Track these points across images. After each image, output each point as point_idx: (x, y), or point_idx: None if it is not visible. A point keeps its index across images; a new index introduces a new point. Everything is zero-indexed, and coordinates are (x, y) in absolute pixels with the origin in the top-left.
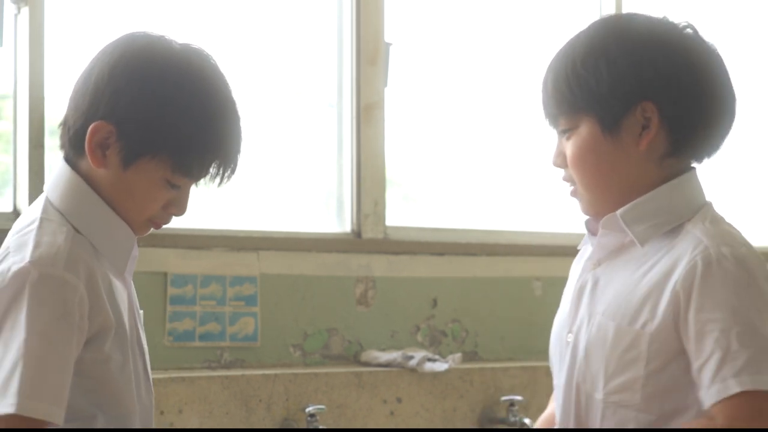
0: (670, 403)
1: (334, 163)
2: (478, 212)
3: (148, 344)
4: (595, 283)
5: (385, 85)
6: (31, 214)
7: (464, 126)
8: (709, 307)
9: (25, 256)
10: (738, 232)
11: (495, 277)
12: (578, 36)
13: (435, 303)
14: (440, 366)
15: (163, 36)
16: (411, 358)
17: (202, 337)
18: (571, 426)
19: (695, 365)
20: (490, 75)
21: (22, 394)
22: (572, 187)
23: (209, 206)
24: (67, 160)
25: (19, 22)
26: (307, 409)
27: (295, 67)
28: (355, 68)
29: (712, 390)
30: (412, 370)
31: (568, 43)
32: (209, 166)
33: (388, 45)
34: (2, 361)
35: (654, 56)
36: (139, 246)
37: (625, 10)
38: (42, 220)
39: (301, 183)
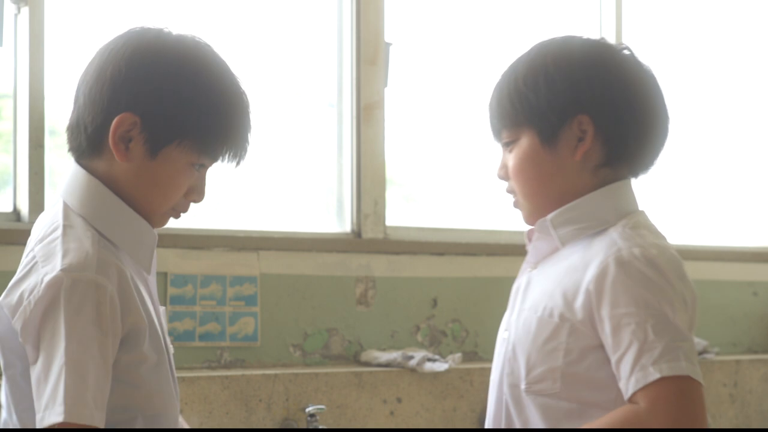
0: (589, 392)
1: (334, 163)
2: (478, 212)
3: None
4: (528, 284)
5: (385, 85)
6: (52, 221)
7: (464, 126)
8: (624, 303)
9: (56, 265)
10: (657, 237)
11: (495, 276)
12: (520, 58)
13: (435, 303)
14: (440, 366)
15: (163, 28)
16: (411, 358)
17: (202, 337)
18: (501, 419)
19: (614, 358)
20: (490, 75)
21: (68, 401)
22: (515, 199)
23: (209, 206)
24: (80, 163)
25: (19, 22)
26: (308, 409)
27: (296, 67)
28: (356, 68)
29: (632, 379)
30: (412, 370)
31: (510, 65)
32: (230, 145)
33: (388, 45)
34: (49, 372)
35: (590, 73)
36: None
37: (625, 12)
38: (65, 227)
39: (302, 183)
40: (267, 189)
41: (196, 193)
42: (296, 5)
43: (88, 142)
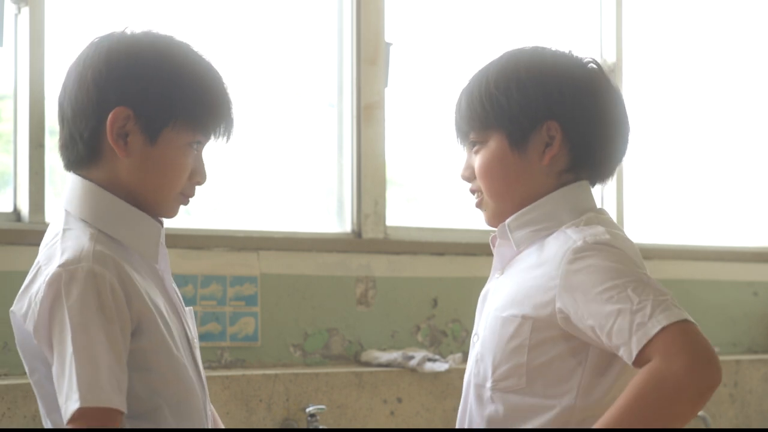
0: (553, 387)
1: (335, 163)
2: (478, 212)
3: None
4: (496, 289)
5: (386, 85)
6: (54, 228)
7: None
8: (596, 283)
9: (54, 264)
10: (613, 227)
11: None
12: (491, 63)
13: (435, 303)
14: (441, 366)
15: (125, 29)
16: (411, 358)
17: (203, 337)
18: (465, 420)
19: (604, 332)
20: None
21: (82, 387)
22: (478, 199)
23: (209, 206)
24: (79, 174)
25: (19, 22)
26: (308, 409)
27: (296, 67)
28: (356, 68)
29: (634, 339)
30: (413, 370)
31: (480, 70)
32: (219, 119)
33: (388, 45)
34: (63, 365)
35: (560, 81)
36: None
37: (625, 14)
38: (64, 230)
39: (302, 183)
40: (267, 189)
41: (198, 174)
42: (296, 5)
43: (87, 149)
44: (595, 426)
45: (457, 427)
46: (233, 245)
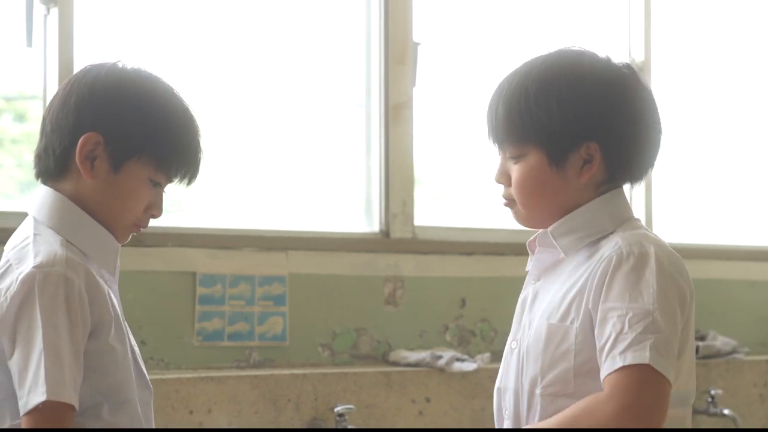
0: (599, 385)
1: (363, 162)
2: (506, 212)
3: (177, 344)
4: (535, 295)
5: (414, 84)
6: (23, 232)
7: None
8: (612, 298)
9: (29, 264)
10: (657, 239)
11: (524, 276)
12: (530, 70)
13: (463, 303)
14: (469, 366)
15: (118, 62)
16: (440, 357)
17: (231, 337)
18: (520, 423)
19: (598, 349)
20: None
21: (50, 381)
22: (507, 201)
23: (238, 206)
24: (47, 184)
25: (48, 22)
26: (336, 409)
27: (324, 68)
28: (384, 68)
29: (604, 366)
30: (441, 369)
31: (518, 74)
32: (183, 164)
33: (416, 45)
34: (29, 359)
35: (601, 100)
36: (168, 246)
37: (654, 12)
38: (35, 235)
39: (330, 183)
40: (295, 189)
41: (155, 208)
42: (325, 6)
43: (56, 164)
44: (527, 427)
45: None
46: (262, 245)
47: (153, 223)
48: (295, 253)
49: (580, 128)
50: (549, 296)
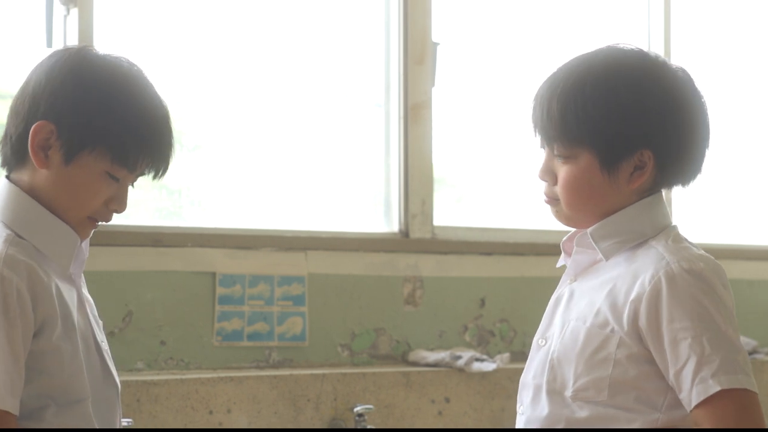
0: (634, 402)
1: (382, 163)
2: (525, 212)
3: (197, 344)
4: (571, 295)
5: (433, 84)
6: None
7: (511, 125)
8: (678, 318)
9: None
10: (696, 250)
11: (543, 276)
12: (589, 70)
13: (483, 303)
14: (488, 366)
15: (92, 47)
16: (459, 357)
17: (251, 337)
18: (544, 422)
19: (672, 371)
20: (537, 74)
21: None
22: (549, 198)
23: (257, 206)
24: (9, 176)
25: (68, 23)
26: (356, 409)
27: (343, 68)
28: (403, 68)
29: (694, 392)
30: (460, 369)
31: (576, 73)
32: (146, 157)
33: (435, 45)
34: None
35: (659, 110)
36: (188, 246)
37: (673, 10)
38: None
39: (349, 183)
40: (315, 189)
41: (116, 202)
42: (344, 6)
43: (12, 152)
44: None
45: (516, 426)
46: (281, 245)
47: (173, 223)
48: (315, 253)
49: (636, 136)
50: (586, 299)
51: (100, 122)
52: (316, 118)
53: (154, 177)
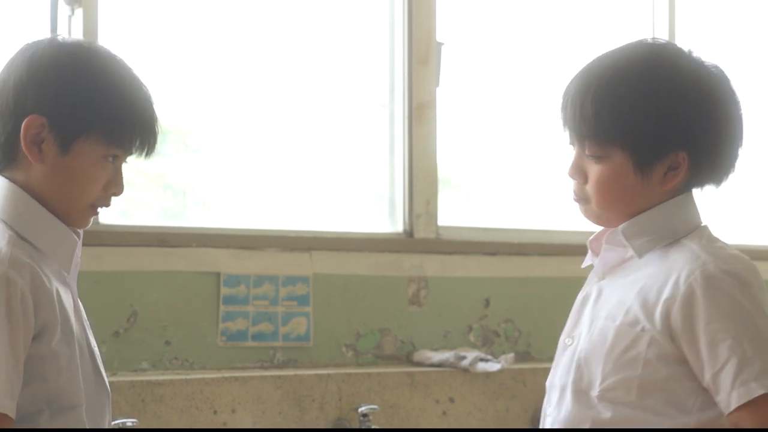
0: (665, 405)
1: (386, 163)
2: (530, 212)
3: (201, 344)
4: (599, 293)
5: (437, 84)
6: None
7: (516, 125)
8: (717, 318)
9: None
10: (732, 249)
11: (547, 276)
12: (626, 68)
13: (487, 303)
14: (493, 366)
15: (56, 36)
16: (463, 358)
17: (255, 337)
18: (568, 423)
19: (710, 372)
20: (542, 74)
21: None
22: (578, 196)
23: (262, 207)
24: (5, 175)
25: (72, 23)
26: (360, 409)
27: (347, 68)
28: (407, 68)
29: (734, 394)
30: (465, 370)
31: (612, 69)
32: (137, 135)
33: (439, 45)
34: None
35: (696, 112)
36: (192, 246)
37: (678, 11)
38: None
39: (354, 183)
40: (319, 189)
41: (114, 186)
42: (348, 6)
43: (3, 152)
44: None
45: (540, 426)
46: (285, 245)
47: (177, 223)
48: (319, 253)
49: (672, 138)
50: (615, 297)
51: (91, 107)
52: (320, 118)
53: (146, 154)
